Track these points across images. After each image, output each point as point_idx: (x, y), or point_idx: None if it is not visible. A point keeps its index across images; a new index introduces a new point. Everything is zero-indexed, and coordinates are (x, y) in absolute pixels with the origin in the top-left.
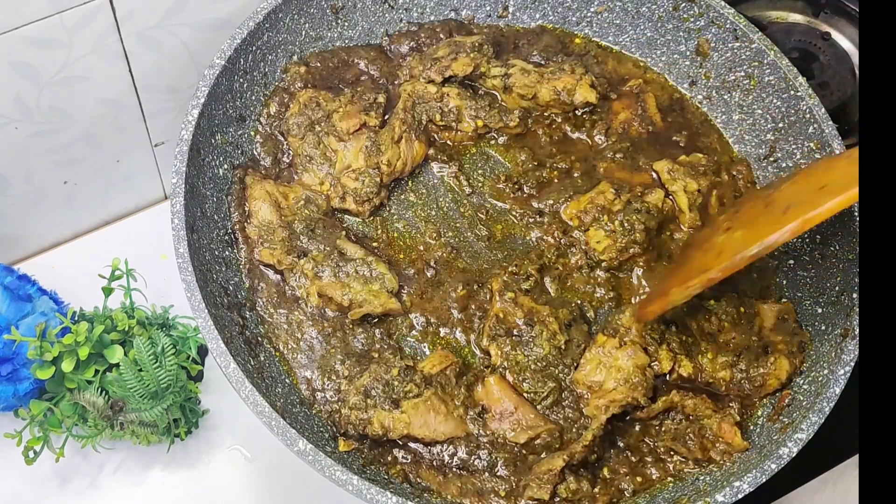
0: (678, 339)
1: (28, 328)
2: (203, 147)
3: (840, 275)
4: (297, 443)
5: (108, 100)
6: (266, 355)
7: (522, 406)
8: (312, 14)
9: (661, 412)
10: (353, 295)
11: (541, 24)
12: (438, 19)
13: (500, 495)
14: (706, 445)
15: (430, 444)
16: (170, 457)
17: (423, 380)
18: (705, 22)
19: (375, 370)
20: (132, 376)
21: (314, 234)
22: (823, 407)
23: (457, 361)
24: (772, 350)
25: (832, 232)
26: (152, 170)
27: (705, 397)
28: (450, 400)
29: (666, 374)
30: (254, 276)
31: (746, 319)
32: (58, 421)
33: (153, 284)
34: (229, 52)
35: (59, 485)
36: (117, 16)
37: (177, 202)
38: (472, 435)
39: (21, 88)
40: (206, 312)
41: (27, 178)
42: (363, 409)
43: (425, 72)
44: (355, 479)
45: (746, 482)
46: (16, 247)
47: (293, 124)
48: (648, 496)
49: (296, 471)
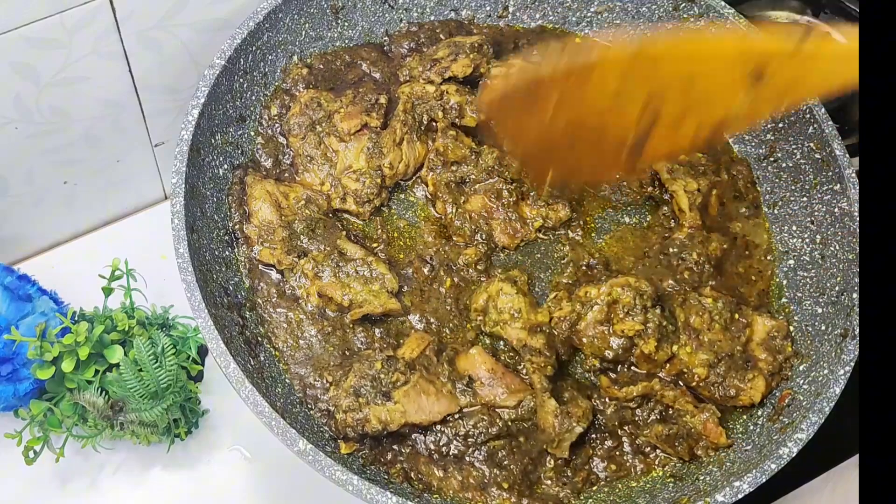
0: (657, 322)
1: (28, 328)
2: (203, 147)
3: (840, 275)
4: (297, 443)
5: (108, 100)
6: (266, 355)
7: (506, 372)
8: (312, 14)
9: (639, 397)
10: (353, 295)
11: (541, 24)
12: (438, 19)
13: (502, 487)
14: (691, 444)
15: (427, 427)
16: (170, 457)
17: (406, 366)
18: (705, 22)
19: (359, 368)
20: (132, 376)
21: (314, 234)
22: (823, 407)
23: (433, 340)
24: (752, 366)
25: (832, 232)
26: (152, 170)
27: (685, 390)
28: (436, 378)
29: (629, 338)
30: (254, 276)
31: (737, 328)
32: (58, 421)
33: (153, 284)
34: (229, 52)
35: (59, 485)
36: (117, 16)
37: (177, 202)
38: (465, 408)
39: (21, 89)
40: (206, 312)
41: (27, 178)
42: (357, 409)
43: (425, 73)
44: (355, 479)
45: (746, 482)
46: (16, 247)
47: (294, 124)
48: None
49: (296, 471)
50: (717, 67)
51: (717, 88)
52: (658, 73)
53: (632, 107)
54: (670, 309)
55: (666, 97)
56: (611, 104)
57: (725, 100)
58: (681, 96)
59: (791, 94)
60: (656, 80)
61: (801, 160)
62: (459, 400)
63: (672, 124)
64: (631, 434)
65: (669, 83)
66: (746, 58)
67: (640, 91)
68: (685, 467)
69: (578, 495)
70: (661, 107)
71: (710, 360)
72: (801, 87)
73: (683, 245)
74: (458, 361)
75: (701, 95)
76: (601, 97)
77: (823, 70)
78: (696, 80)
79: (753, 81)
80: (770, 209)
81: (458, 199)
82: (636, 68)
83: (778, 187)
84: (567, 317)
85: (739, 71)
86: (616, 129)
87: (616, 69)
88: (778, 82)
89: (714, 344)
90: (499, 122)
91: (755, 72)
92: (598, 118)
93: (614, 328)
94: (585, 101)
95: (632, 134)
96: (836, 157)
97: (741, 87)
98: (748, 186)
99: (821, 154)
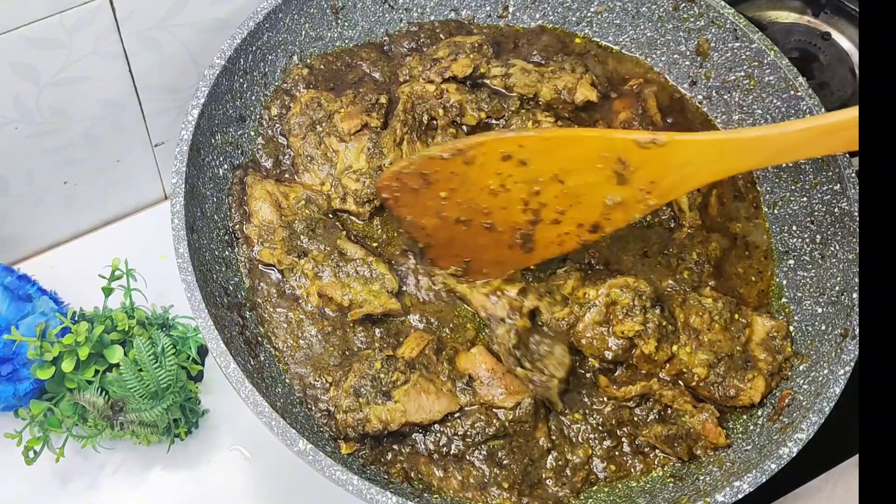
0: (657, 322)
1: (28, 328)
2: (203, 147)
3: (840, 275)
4: (297, 443)
5: (108, 100)
6: (266, 355)
7: (506, 373)
8: (312, 14)
9: (638, 397)
10: (353, 295)
11: (541, 24)
12: (438, 19)
13: (502, 487)
14: (690, 445)
15: (427, 427)
16: (170, 457)
17: (406, 365)
18: (705, 22)
19: (359, 368)
20: (132, 376)
21: (314, 234)
22: (823, 407)
23: (432, 339)
24: (752, 366)
25: (832, 232)
26: (152, 170)
27: (684, 390)
28: (436, 377)
29: (629, 338)
30: (254, 276)
31: (737, 328)
32: (58, 421)
33: (153, 284)
34: (229, 52)
35: (59, 485)
36: (117, 16)
37: (177, 202)
38: (464, 407)
39: (21, 89)
40: (206, 312)
41: (27, 178)
42: (357, 409)
43: (425, 72)
44: (355, 479)
45: (746, 482)
46: (16, 247)
47: (294, 124)
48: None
49: (296, 471)
50: (581, 164)
51: (586, 188)
52: (529, 170)
53: (513, 204)
54: (670, 309)
55: (542, 197)
56: (494, 199)
57: (596, 199)
58: (555, 196)
59: (657, 191)
60: (529, 177)
61: (801, 160)
62: (459, 399)
63: (553, 222)
64: (630, 434)
65: (542, 181)
66: (606, 152)
67: (518, 189)
68: (685, 467)
69: (578, 495)
70: (540, 206)
71: (709, 360)
72: (664, 183)
73: (683, 245)
74: (459, 360)
75: (573, 195)
76: (484, 191)
77: (681, 165)
78: (566, 178)
79: (618, 180)
80: (770, 209)
81: None
82: (509, 163)
83: (778, 187)
84: (565, 318)
85: (603, 169)
86: (504, 222)
87: (492, 162)
88: (641, 179)
89: (714, 344)
90: (395, 205)
91: (617, 169)
92: (487, 208)
93: (614, 329)
94: (472, 190)
95: (519, 228)
96: (835, 157)
97: (608, 186)
98: (748, 186)
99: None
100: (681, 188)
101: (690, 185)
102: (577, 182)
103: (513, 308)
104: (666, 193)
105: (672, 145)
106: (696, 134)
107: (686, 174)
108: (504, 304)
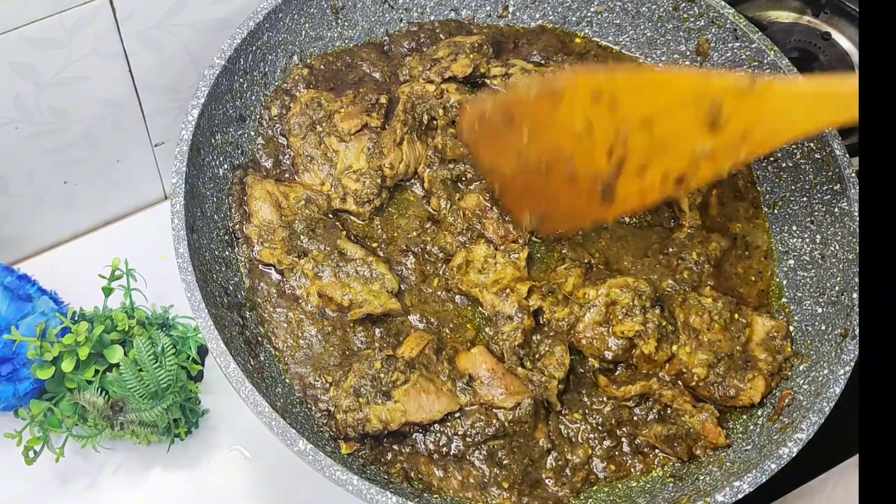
0: (657, 322)
1: (28, 328)
2: (203, 147)
3: (840, 275)
4: (297, 443)
5: (108, 100)
6: (266, 355)
7: (505, 373)
8: (312, 14)
9: (638, 397)
10: (353, 295)
11: (541, 24)
12: (438, 19)
13: (502, 487)
14: (689, 444)
15: (427, 426)
16: (170, 457)
17: (406, 365)
18: (705, 22)
19: (359, 368)
20: (132, 376)
21: (314, 234)
22: (823, 407)
23: (432, 339)
24: (752, 366)
25: (832, 232)
26: (152, 170)
27: (683, 389)
28: (436, 377)
29: (629, 338)
30: (254, 276)
31: (737, 328)
32: (58, 421)
33: (153, 284)
34: (229, 52)
35: (59, 485)
36: (117, 16)
37: (177, 202)
38: (464, 407)
39: (21, 88)
40: (206, 312)
41: (27, 178)
42: (357, 409)
43: (425, 72)
44: (355, 479)
45: (746, 482)
46: (16, 247)
47: (294, 124)
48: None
49: (296, 471)
50: (673, 108)
51: (676, 134)
52: (619, 113)
53: (598, 150)
54: (670, 309)
55: (628, 143)
56: (579, 143)
57: (685, 148)
58: (642, 142)
59: (749, 142)
60: (618, 121)
61: (801, 160)
62: (459, 399)
63: (637, 172)
64: (630, 434)
65: (630, 126)
66: (700, 95)
67: (605, 133)
68: (685, 467)
69: (578, 495)
70: (626, 154)
71: (709, 360)
72: (758, 133)
73: (683, 245)
74: (459, 360)
75: (661, 143)
76: (569, 134)
77: (777, 114)
78: (655, 123)
79: (710, 127)
80: (770, 209)
81: (453, 196)
82: (598, 104)
83: (778, 187)
84: (565, 318)
85: (695, 114)
86: (586, 170)
87: (580, 101)
88: (734, 128)
89: (714, 344)
90: (475, 146)
91: (711, 115)
92: (569, 153)
93: (614, 329)
94: (556, 133)
95: (601, 177)
96: (835, 157)
97: (699, 134)
98: (748, 186)
99: (821, 154)
100: (773, 140)
101: (784, 138)
102: (667, 127)
103: (521, 306)
104: (758, 146)
105: (771, 90)
106: (797, 78)
107: (782, 126)
108: (513, 302)
